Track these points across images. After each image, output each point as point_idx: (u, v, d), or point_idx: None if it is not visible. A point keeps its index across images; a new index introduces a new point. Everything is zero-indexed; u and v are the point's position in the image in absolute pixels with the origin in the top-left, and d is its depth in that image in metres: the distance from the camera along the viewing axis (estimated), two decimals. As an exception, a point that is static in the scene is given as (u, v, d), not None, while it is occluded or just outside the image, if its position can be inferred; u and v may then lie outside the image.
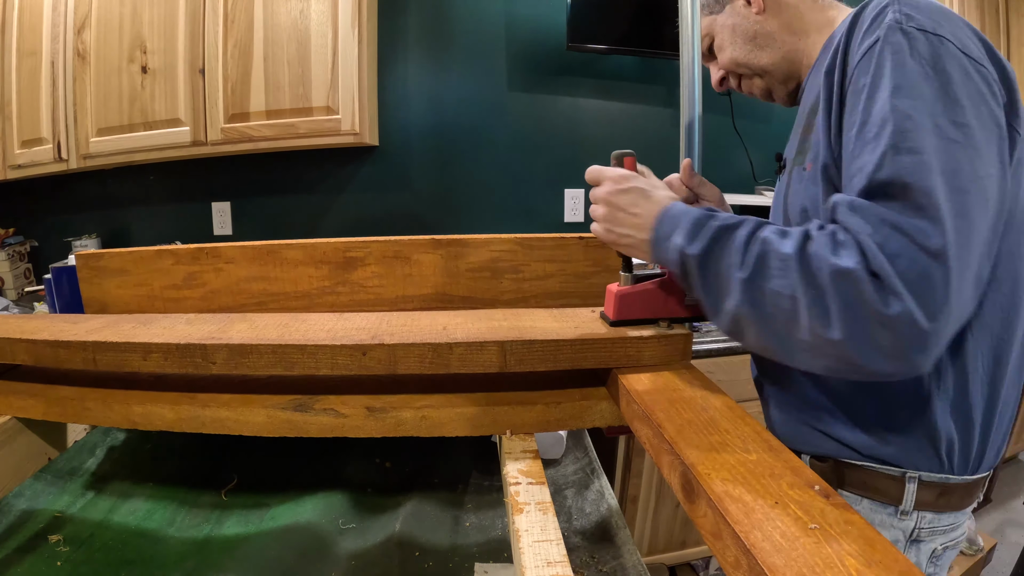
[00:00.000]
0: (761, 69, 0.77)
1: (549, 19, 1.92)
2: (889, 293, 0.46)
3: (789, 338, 0.52)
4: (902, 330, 0.46)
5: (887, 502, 0.65)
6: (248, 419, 0.69)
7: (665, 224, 0.62)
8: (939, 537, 0.66)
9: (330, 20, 1.62)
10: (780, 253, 0.52)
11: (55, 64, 1.75)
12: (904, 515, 0.65)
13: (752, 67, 0.77)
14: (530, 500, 0.54)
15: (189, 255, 0.89)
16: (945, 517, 0.65)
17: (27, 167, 1.84)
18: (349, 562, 0.65)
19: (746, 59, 0.77)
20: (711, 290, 0.57)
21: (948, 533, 0.67)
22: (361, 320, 0.76)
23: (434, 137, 1.98)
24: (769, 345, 0.55)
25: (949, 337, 0.49)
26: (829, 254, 0.49)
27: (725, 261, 0.55)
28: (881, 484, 0.65)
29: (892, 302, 0.46)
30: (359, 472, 0.84)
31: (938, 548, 0.67)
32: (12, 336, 0.73)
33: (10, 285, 2.02)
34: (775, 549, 0.35)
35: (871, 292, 0.46)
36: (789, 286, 0.50)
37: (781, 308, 0.51)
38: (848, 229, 0.49)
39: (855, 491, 0.67)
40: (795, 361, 0.54)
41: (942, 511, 0.65)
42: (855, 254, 0.48)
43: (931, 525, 0.65)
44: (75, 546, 0.67)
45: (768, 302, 0.52)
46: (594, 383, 0.72)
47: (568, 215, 2.07)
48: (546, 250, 0.88)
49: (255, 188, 2.01)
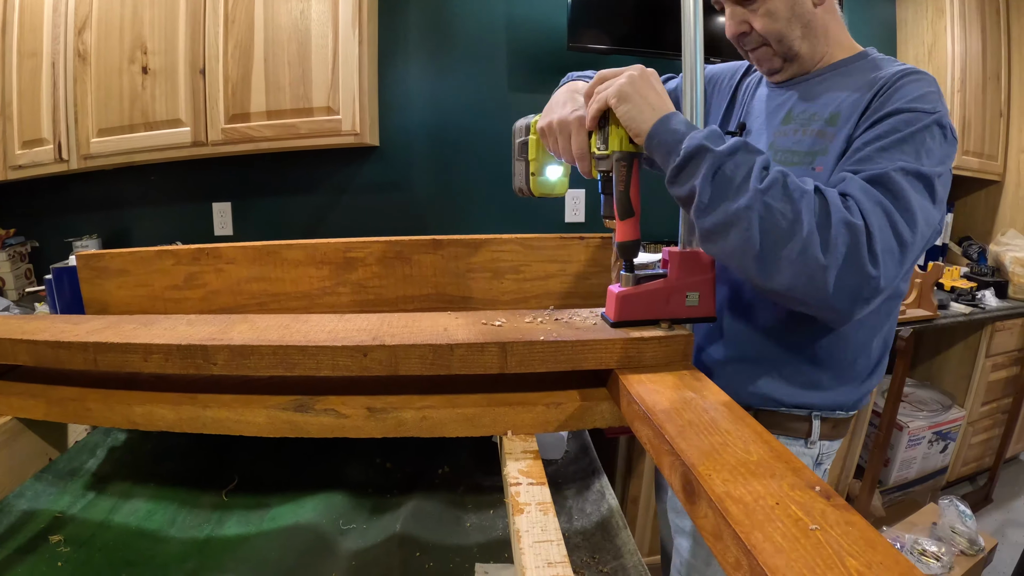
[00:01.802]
0: (795, 54, 0.81)
1: (549, 19, 1.92)
2: (875, 256, 0.61)
3: (773, 250, 0.62)
4: (867, 285, 0.62)
5: (798, 436, 0.86)
6: (249, 419, 0.69)
7: (677, 119, 0.67)
8: (828, 459, 0.90)
9: (330, 20, 1.62)
10: (799, 186, 0.63)
11: (56, 65, 1.75)
12: (812, 444, 0.86)
13: (789, 49, 0.80)
14: (531, 500, 0.54)
15: (190, 256, 0.89)
16: (834, 444, 0.89)
17: (28, 168, 1.84)
18: (350, 562, 0.65)
19: (790, 39, 0.80)
20: (715, 187, 0.64)
21: (832, 456, 0.91)
22: (362, 321, 0.76)
23: (435, 137, 1.98)
24: (749, 251, 0.63)
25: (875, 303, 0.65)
26: (841, 205, 0.62)
27: (742, 170, 0.63)
28: (794, 424, 0.86)
29: (873, 264, 0.61)
30: (360, 472, 0.84)
31: (827, 467, 0.91)
32: (13, 337, 0.73)
33: (11, 286, 2.02)
34: (776, 550, 0.35)
35: (865, 248, 0.61)
36: (796, 210, 0.61)
37: (780, 225, 0.61)
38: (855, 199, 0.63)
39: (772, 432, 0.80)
40: (764, 273, 0.64)
41: (833, 439, 0.88)
42: (859, 217, 0.62)
43: (827, 451, 0.89)
44: (76, 546, 0.67)
45: (773, 215, 0.62)
46: (595, 384, 0.72)
47: (569, 215, 2.07)
48: (547, 250, 0.88)
49: (256, 188, 2.01)
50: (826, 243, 0.61)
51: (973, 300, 2.01)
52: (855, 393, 0.85)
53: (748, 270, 0.65)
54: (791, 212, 0.61)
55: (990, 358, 2.11)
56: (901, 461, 2.04)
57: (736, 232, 0.63)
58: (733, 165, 0.63)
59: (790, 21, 0.78)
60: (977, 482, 2.38)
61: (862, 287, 0.62)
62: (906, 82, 0.72)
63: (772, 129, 0.85)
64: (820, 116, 0.78)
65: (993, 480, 2.28)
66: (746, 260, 0.64)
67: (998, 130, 2.39)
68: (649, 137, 0.67)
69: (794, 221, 0.61)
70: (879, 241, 0.61)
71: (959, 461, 2.23)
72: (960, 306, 1.96)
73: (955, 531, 1.67)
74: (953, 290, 2.11)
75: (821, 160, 0.75)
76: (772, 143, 0.83)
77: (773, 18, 0.78)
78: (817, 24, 0.80)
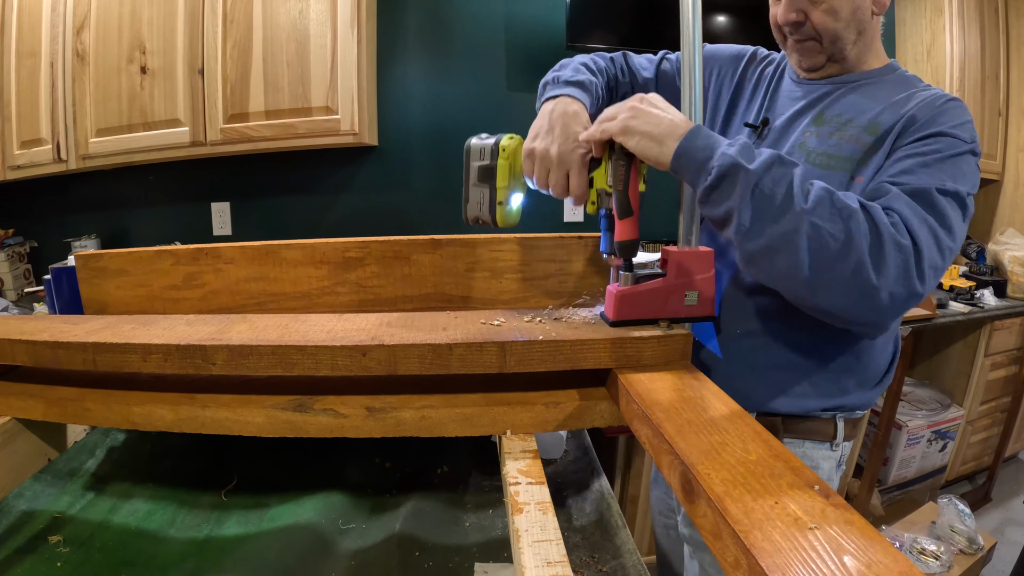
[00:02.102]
0: (843, 56, 0.80)
1: (548, 18, 1.92)
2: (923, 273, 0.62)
3: (823, 272, 0.62)
4: (914, 301, 0.63)
5: (824, 440, 0.85)
6: (248, 419, 0.69)
7: (703, 135, 0.66)
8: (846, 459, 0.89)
9: (329, 20, 1.62)
10: (846, 203, 0.62)
11: (54, 65, 1.75)
12: (836, 446, 0.85)
13: (841, 50, 0.79)
14: (530, 500, 0.54)
15: (188, 255, 0.89)
16: (850, 443, 0.89)
17: (26, 168, 1.84)
18: (349, 562, 0.65)
19: (844, 41, 0.79)
20: (756, 209, 0.63)
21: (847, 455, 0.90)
22: (361, 321, 0.76)
23: (433, 137, 1.98)
24: (799, 273, 0.63)
25: None
26: (888, 224, 0.62)
27: (781, 187, 0.62)
28: (820, 427, 0.84)
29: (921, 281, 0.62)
30: (359, 472, 0.84)
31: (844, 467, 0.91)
32: (12, 337, 0.73)
33: (10, 286, 2.02)
34: (775, 549, 0.36)
35: (915, 266, 0.62)
36: (847, 231, 0.61)
37: (831, 246, 0.61)
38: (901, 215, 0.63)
39: (798, 437, 0.84)
40: (812, 293, 0.64)
41: (851, 439, 0.88)
42: (907, 235, 0.62)
43: (847, 451, 0.88)
44: (75, 547, 0.67)
45: (823, 237, 0.61)
46: (594, 383, 0.72)
47: (568, 215, 2.07)
48: (546, 250, 0.88)
49: (254, 188, 2.01)
50: (879, 265, 0.61)
51: (972, 299, 2.02)
52: (873, 393, 0.85)
53: (794, 291, 0.65)
54: (842, 233, 0.61)
55: (989, 357, 2.12)
56: (900, 460, 2.04)
57: (784, 256, 0.62)
58: (771, 182, 0.62)
59: (849, 24, 0.77)
60: (976, 481, 2.38)
61: (908, 303, 0.63)
62: (949, 108, 0.73)
63: (801, 128, 0.82)
64: (857, 123, 0.77)
65: (992, 479, 2.28)
66: (794, 283, 0.64)
67: (997, 129, 2.39)
68: (675, 161, 0.66)
69: (845, 242, 0.61)
70: (927, 259, 0.62)
71: (958, 460, 2.24)
72: (959, 305, 1.97)
73: (954, 530, 1.68)
74: (952, 289, 2.11)
75: (862, 171, 0.75)
76: (802, 143, 0.80)
77: (834, 16, 0.76)
78: (869, 31, 0.79)
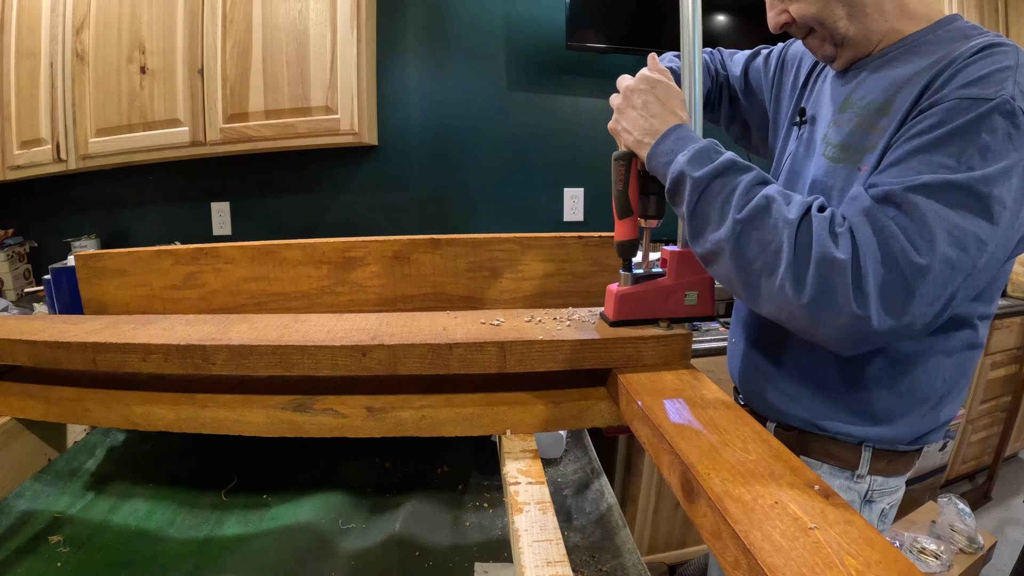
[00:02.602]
0: (842, 38, 0.71)
1: (548, 18, 1.92)
2: (863, 293, 0.53)
3: (757, 282, 0.59)
4: (855, 325, 0.54)
5: (844, 467, 0.76)
6: (248, 419, 0.69)
7: (670, 140, 0.66)
8: (887, 497, 0.78)
9: (329, 20, 1.61)
10: (782, 214, 0.57)
11: (54, 65, 1.75)
12: (860, 478, 0.76)
13: (834, 32, 0.71)
14: (530, 500, 0.54)
15: (188, 255, 0.89)
16: (892, 481, 0.77)
17: (26, 168, 1.84)
18: (349, 562, 0.65)
19: (832, 22, 0.70)
20: (699, 215, 0.62)
21: (893, 494, 0.78)
22: (361, 321, 0.76)
23: (433, 136, 1.98)
24: (736, 281, 0.61)
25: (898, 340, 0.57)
26: (827, 236, 0.55)
27: (722, 196, 0.61)
28: (840, 452, 0.76)
29: (860, 302, 0.53)
30: (359, 472, 0.84)
31: (886, 508, 0.78)
32: (12, 337, 0.73)
33: (9, 286, 2.02)
34: (775, 549, 0.36)
35: (848, 285, 0.53)
36: (778, 244, 0.56)
37: (762, 258, 0.58)
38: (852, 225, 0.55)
39: (816, 458, 0.77)
40: (752, 302, 0.61)
41: (890, 475, 0.76)
42: (847, 249, 0.54)
43: (881, 488, 0.76)
44: (75, 547, 0.67)
45: (752, 248, 0.58)
46: (594, 383, 0.72)
47: (567, 214, 2.07)
48: (545, 249, 0.88)
49: (254, 188, 2.01)
50: (798, 281, 0.55)
51: (972, 298, 2.01)
52: (924, 423, 0.73)
53: (743, 299, 0.63)
54: (773, 244, 0.57)
55: (989, 356, 2.12)
56: (900, 459, 2.04)
57: (722, 263, 0.61)
58: (716, 189, 0.61)
59: (827, 2, 0.69)
60: (976, 480, 2.38)
61: (848, 327, 0.54)
62: (976, 59, 0.58)
63: (828, 119, 0.75)
64: (876, 103, 0.67)
65: (992, 478, 2.28)
66: (735, 288, 0.62)
67: (997, 128, 2.38)
68: (648, 164, 0.69)
69: (775, 254, 0.57)
70: (871, 277, 0.53)
71: (958, 459, 2.24)
72: (959, 304, 1.96)
73: (954, 529, 1.68)
74: (952, 288, 2.10)
75: (868, 158, 0.65)
76: (825, 135, 0.74)
77: (807, 2, 0.69)
78: (866, 1, 0.69)
